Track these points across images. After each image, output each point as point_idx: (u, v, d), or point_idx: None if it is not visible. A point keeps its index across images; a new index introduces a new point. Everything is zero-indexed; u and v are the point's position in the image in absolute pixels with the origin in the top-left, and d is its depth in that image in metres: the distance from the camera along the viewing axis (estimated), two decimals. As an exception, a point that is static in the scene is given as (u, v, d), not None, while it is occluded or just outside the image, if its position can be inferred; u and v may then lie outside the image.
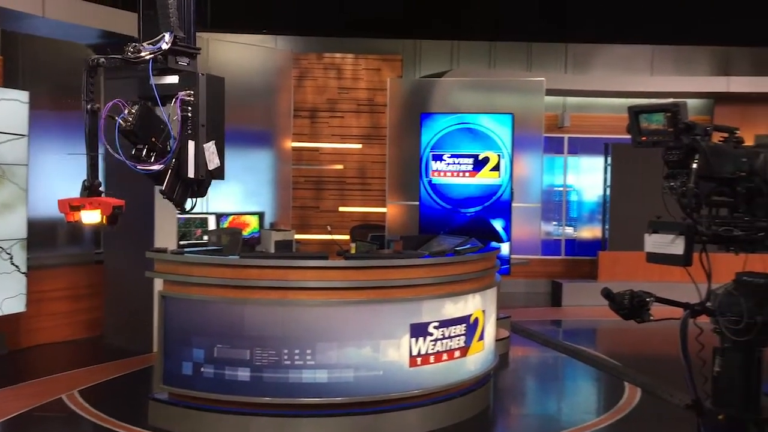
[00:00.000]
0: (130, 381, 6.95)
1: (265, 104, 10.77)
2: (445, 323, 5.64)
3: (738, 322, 2.70)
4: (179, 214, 7.12)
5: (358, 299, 5.37)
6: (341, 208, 11.92)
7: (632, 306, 2.81)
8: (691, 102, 12.97)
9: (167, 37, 3.12)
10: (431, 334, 5.56)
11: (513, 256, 9.45)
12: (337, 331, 5.29)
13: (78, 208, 3.13)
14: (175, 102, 3.18)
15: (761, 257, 2.76)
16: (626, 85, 12.29)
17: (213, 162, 3.26)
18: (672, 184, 2.72)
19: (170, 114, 3.18)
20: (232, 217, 8.95)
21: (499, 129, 9.24)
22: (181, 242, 8.02)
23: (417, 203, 9.52)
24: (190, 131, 3.19)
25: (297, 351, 5.20)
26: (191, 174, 3.22)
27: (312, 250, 9.65)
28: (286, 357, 5.19)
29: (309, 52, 12.00)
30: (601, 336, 10.00)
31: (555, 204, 13.41)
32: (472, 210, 9.23)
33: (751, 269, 2.80)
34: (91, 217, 3.11)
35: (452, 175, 9.31)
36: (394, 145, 10.49)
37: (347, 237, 9.64)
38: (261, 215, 9.50)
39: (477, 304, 5.97)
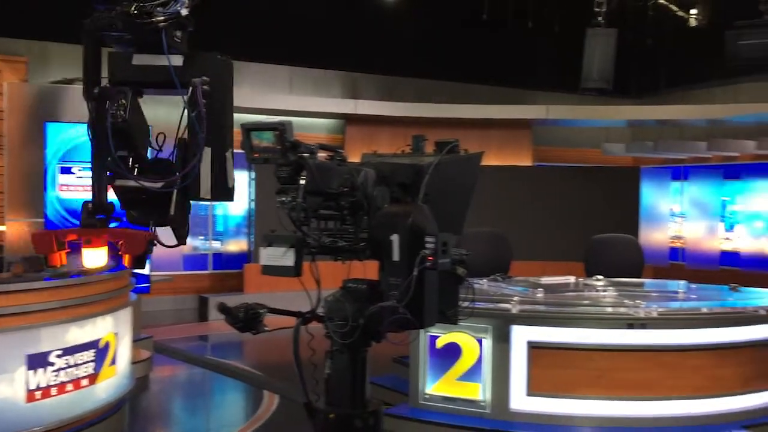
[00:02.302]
0: None
1: None
2: (69, 350, 5.17)
3: (344, 325, 2.88)
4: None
5: (-42, 332, 4.64)
6: (-48, 227, 10.28)
7: (247, 318, 2.85)
8: (327, 121, 14.00)
9: None
10: (53, 364, 5.04)
11: (153, 273, 9.12)
12: (-69, 372, 4.50)
13: (64, 246, 1.92)
14: (191, 93, 2.20)
15: (363, 264, 3.00)
16: (268, 102, 12.71)
17: (231, 177, 2.36)
18: (283, 199, 2.82)
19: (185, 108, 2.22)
20: None
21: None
22: None
23: (42, 220, 8.67)
24: (203, 134, 2.26)
25: None
26: (205, 194, 2.27)
27: None
28: None
29: None
30: (247, 348, 10.15)
31: (201, 218, 13.31)
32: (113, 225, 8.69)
33: (355, 276, 3.04)
34: (95, 258, 1.93)
35: (84, 189, 8.66)
36: (14, 155, 9.38)
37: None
38: None
39: (108, 327, 5.60)
